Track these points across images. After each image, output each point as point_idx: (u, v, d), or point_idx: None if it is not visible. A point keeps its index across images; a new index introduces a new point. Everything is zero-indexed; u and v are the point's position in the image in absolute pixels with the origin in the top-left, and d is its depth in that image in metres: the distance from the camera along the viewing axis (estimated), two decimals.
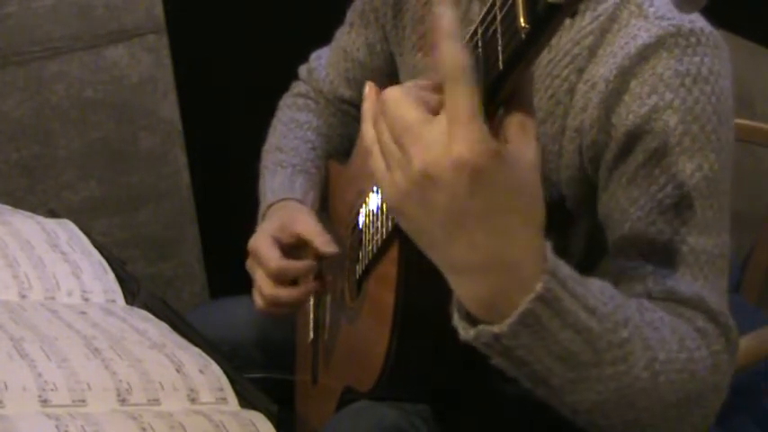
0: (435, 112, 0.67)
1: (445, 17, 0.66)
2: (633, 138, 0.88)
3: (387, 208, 0.71)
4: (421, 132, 0.66)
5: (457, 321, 0.73)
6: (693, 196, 0.86)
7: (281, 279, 1.16)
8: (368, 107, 0.74)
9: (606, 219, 0.92)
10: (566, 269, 0.70)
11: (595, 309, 0.72)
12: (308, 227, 1.17)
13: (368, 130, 0.72)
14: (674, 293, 0.85)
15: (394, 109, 0.68)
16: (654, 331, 0.78)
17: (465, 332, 0.71)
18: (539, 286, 0.68)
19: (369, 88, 0.75)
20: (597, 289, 0.74)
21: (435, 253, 0.70)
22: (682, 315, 0.83)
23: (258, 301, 1.18)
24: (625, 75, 0.89)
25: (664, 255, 0.86)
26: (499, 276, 0.68)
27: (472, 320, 0.71)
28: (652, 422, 0.79)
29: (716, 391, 0.82)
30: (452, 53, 0.65)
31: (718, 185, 0.88)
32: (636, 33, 0.90)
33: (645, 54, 0.88)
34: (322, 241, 1.14)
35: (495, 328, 0.69)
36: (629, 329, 0.74)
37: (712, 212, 0.87)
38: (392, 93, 0.68)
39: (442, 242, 0.68)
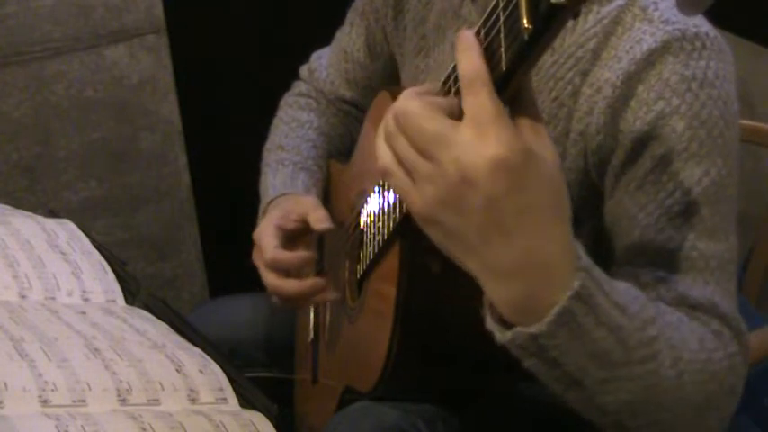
0: (451, 116, 0.68)
1: (466, 32, 0.68)
2: (640, 144, 0.88)
3: (418, 220, 0.71)
4: (450, 139, 0.66)
5: (491, 325, 0.72)
6: (702, 202, 0.86)
7: (277, 269, 1.16)
8: (380, 129, 0.72)
9: (613, 226, 0.92)
10: (597, 267, 0.71)
11: (625, 307, 0.72)
12: (308, 205, 1.17)
13: (383, 151, 0.71)
14: (687, 299, 0.85)
15: (415, 122, 0.68)
16: (675, 331, 0.78)
17: (501, 335, 0.71)
18: (575, 284, 0.68)
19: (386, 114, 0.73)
20: (623, 288, 0.74)
21: (470, 259, 0.69)
22: (697, 318, 0.83)
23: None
24: (631, 80, 0.89)
25: (674, 261, 0.86)
26: (535, 275, 0.68)
27: (506, 324, 0.71)
28: (674, 423, 0.79)
29: (732, 393, 0.82)
30: (471, 59, 0.66)
31: (726, 190, 0.88)
32: (641, 38, 0.89)
33: (651, 59, 0.88)
34: (315, 217, 1.14)
35: (533, 329, 0.69)
36: (656, 328, 0.75)
37: (720, 217, 0.87)
38: (407, 106, 0.68)
39: (478, 246, 0.68)
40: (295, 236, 1.17)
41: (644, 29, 0.90)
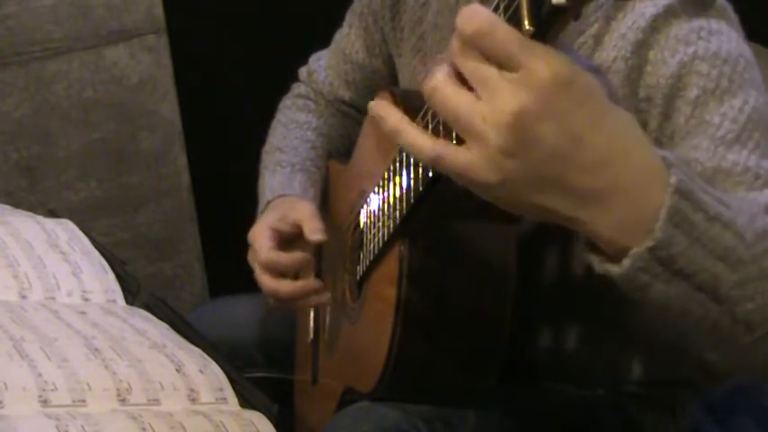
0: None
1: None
2: (672, 98, 0.89)
3: (486, 191, 0.67)
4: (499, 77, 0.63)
5: (600, 267, 0.70)
6: (751, 127, 0.87)
7: (272, 271, 1.16)
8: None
9: None
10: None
11: (729, 203, 0.71)
12: (304, 212, 1.17)
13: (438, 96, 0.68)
14: None
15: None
16: None
17: (618, 268, 0.68)
18: (673, 179, 0.66)
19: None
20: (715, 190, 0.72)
21: (562, 198, 0.66)
22: None
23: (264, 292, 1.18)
24: (641, 49, 0.91)
25: (747, 181, 0.86)
26: (634, 183, 0.66)
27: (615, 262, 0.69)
28: None
29: None
30: (474, 16, 0.65)
31: (767, 121, 0.89)
32: (643, 11, 0.91)
33: (655, 25, 0.90)
34: (310, 228, 1.14)
35: (649, 242, 0.67)
36: (764, 219, 0.73)
37: None
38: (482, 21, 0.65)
39: (569, 179, 0.65)
40: (291, 239, 1.18)
41: (645, 4, 0.92)
